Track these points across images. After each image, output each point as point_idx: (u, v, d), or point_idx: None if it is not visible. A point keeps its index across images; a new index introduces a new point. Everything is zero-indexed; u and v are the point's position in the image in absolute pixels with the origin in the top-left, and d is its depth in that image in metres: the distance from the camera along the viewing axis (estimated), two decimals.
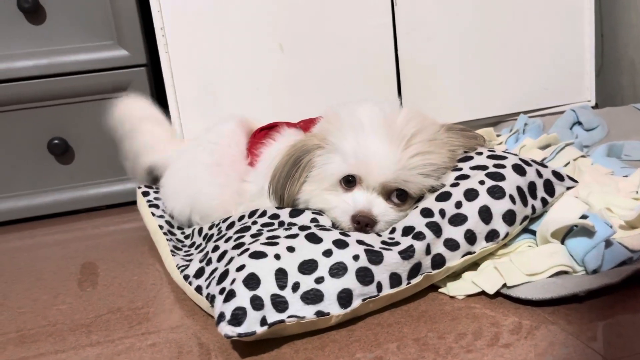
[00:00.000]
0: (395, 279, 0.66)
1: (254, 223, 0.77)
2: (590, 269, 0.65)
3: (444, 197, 0.72)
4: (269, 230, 0.73)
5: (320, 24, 1.25)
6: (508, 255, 0.71)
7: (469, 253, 0.69)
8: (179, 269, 0.78)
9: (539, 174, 0.76)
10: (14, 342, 0.70)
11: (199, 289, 0.70)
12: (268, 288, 0.62)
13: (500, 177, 0.73)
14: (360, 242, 0.67)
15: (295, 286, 0.62)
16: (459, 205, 0.71)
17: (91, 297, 0.81)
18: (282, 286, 0.62)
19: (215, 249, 0.74)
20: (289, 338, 0.62)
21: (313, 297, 0.62)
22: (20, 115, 1.21)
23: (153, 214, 0.98)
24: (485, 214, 0.70)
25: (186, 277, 0.74)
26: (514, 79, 1.38)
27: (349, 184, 0.76)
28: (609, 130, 1.20)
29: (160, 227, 0.93)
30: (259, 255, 0.65)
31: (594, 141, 1.17)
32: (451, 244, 0.69)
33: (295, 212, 0.77)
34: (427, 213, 0.71)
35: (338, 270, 0.64)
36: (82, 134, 1.25)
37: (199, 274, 0.73)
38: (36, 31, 1.19)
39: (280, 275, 0.63)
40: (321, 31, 1.25)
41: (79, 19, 1.20)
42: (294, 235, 0.69)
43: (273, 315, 0.60)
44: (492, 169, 0.74)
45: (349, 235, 0.69)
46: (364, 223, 0.73)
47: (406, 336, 0.60)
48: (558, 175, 0.78)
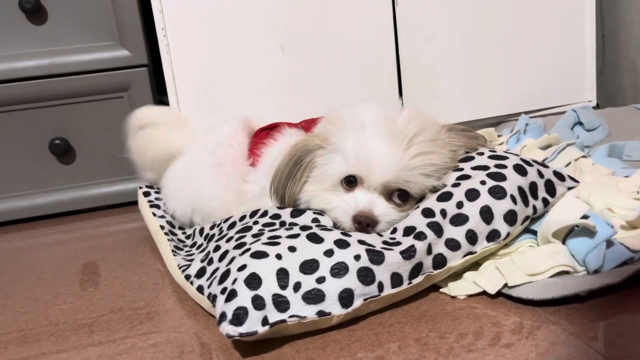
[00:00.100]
0: (396, 279, 0.66)
1: (255, 223, 0.77)
2: (592, 269, 0.65)
3: (445, 197, 0.72)
4: (270, 230, 0.73)
5: (321, 24, 1.25)
6: (509, 255, 0.71)
7: (470, 253, 0.69)
8: (180, 268, 0.78)
9: (540, 174, 0.76)
10: (15, 342, 0.70)
11: (200, 289, 0.70)
12: (269, 288, 0.62)
13: (502, 177, 0.73)
14: (361, 242, 0.67)
15: (297, 286, 0.63)
16: (460, 205, 0.71)
17: (93, 297, 0.81)
18: (284, 286, 0.62)
19: (217, 248, 0.74)
20: (291, 338, 0.62)
21: (314, 297, 0.62)
22: (22, 116, 1.22)
23: (154, 214, 0.98)
24: (486, 214, 0.70)
25: (187, 277, 0.74)
26: (515, 79, 1.38)
27: (350, 184, 0.76)
28: (610, 131, 1.20)
29: (162, 227, 0.93)
30: (260, 255, 0.65)
31: (595, 141, 1.17)
32: (452, 244, 0.69)
33: (297, 212, 0.77)
34: (429, 213, 0.71)
35: (339, 270, 0.64)
36: (84, 134, 1.25)
37: (200, 273, 0.73)
38: (38, 31, 1.19)
39: (282, 275, 0.63)
40: (322, 31, 1.26)
41: (80, 19, 1.20)
42: (295, 235, 0.69)
43: (274, 315, 0.60)
44: (494, 169, 0.74)
45: (350, 235, 0.69)
46: (365, 223, 0.73)
47: (407, 336, 0.60)
48: (559, 176, 0.78)
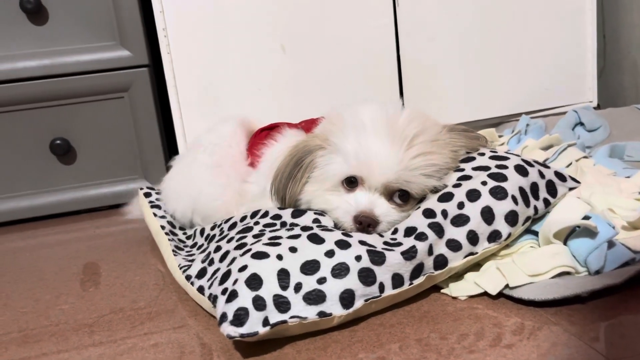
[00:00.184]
0: (397, 280, 0.66)
1: (256, 223, 0.77)
2: (593, 269, 0.65)
3: (446, 198, 0.72)
4: (271, 231, 0.73)
5: (322, 24, 1.25)
6: (510, 256, 0.71)
7: (472, 254, 0.69)
8: (181, 269, 0.78)
9: (542, 175, 0.76)
10: (16, 342, 0.70)
11: (201, 290, 0.70)
12: (270, 288, 0.62)
13: (503, 178, 0.73)
14: (362, 243, 0.67)
15: (298, 287, 0.62)
16: (461, 205, 0.71)
17: (93, 297, 0.81)
18: (285, 286, 0.62)
19: (218, 249, 0.74)
20: (292, 338, 0.62)
21: (315, 298, 0.62)
22: (23, 116, 1.22)
23: (155, 215, 0.98)
24: (487, 215, 0.70)
25: (188, 278, 0.74)
26: (515, 79, 1.38)
27: (351, 185, 0.75)
28: (611, 131, 1.20)
29: (162, 228, 0.93)
30: (261, 255, 0.65)
31: (596, 142, 1.17)
32: (453, 245, 0.69)
33: (298, 213, 0.77)
34: (430, 214, 0.71)
35: (340, 270, 0.64)
36: (84, 135, 1.25)
37: (201, 274, 0.73)
38: (39, 32, 1.19)
39: (283, 276, 0.63)
40: (323, 31, 1.26)
41: (81, 19, 1.20)
42: (296, 236, 0.69)
43: (275, 316, 0.60)
44: (495, 170, 0.74)
45: (351, 236, 0.69)
46: (366, 223, 0.73)
47: (408, 337, 0.60)
48: (560, 176, 0.78)
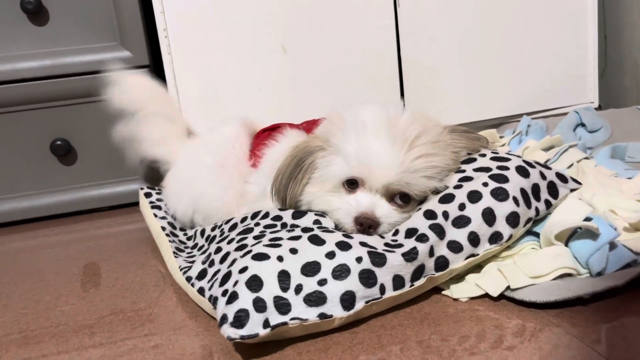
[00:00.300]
0: (398, 281, 0.65)
1: (257, 225, 0.77)
2: (595, 271, 0.65)
3: (447, 199, 0.72)
4: (271, 232, 0.73)
5: (323, 25, 1.25)
6: (512, 258, 0.71)
7: (473, 255, 0.69)
8: (181, 270, 0.78)
9: (543, 176, 0.76)
10: (16, 343, 0.70)
11: (201, 291, 0.70)
12: (271, 290, 0.62)
13: (504, 179, 0.73)
14: (363, 244, 0.67)
15: (298, 288, 0.62)
16: (462, 207, 0.71)
17: (94, 299, 0.81)
18: (285, 288, 0.62)
19: (218, 250, 0.74)
20: (292, 340, 0.62)
21: (316, 299, 0.62)
22: (23, 116, 1.22)
23: (155, 215, 0.98)
24: (488, 216, 0.70)
25: (189, 279, 0.74)
26: (516, 80, 1.38)
27: (352, 186, 0.75)
28: (612, 132, 1.20)
29: (163, 229, 0.93)
30: (261, 257, 0.65)
31: (598, 143, 1.17)
32: (454, 246, 0.69)
33: (298, 214, 0.77)
34: (431, 215, 0.70)
35: (341, 272, 0.64)
36: (85, 135, 1.25)
37: (202, 275, 0.73)
38: (39, 32, 1.19)
39: (283, 277, 0.63)
40: (323, 32, 1.25)
41: (82, 20, 1.20)
42: (297, 237, 0.69)
43: (276, 318, 0.60)
44: (496, 171, 0.74)
45: (352, 237, 0.69)
46: (367, 225, 0.73)
47: (409, 338, 0.60)
48: (562, 177, 0.78)
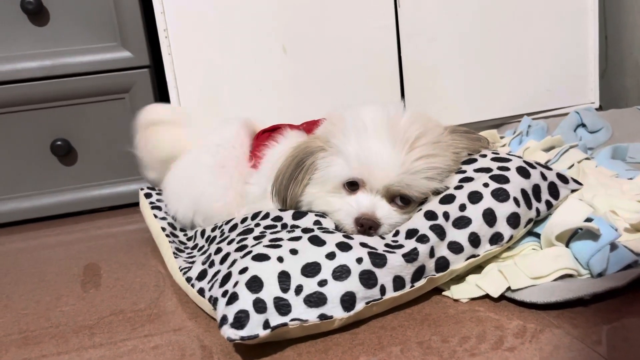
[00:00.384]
0: (398, 282, 0.65)
1: (257, 225, 0.77)
2: (596, 272, 0.65)
3: (448, 200, 0.72)
4: (272, 233, 0.73)
5: (323, 25, 1.25)
6: (512, 258, 0.71)
7: (473, 256, 0.69)
8: (181, 271, 0.78)
9: (544, 177, 0.76)
10: (16, 344, 0.70)
11: (201, 292, 0.70)
12: (271, 291, 0.61)
13: (505, 180, 0.72)
14: (363, 245, 0.67)
15: (298, 289, 0.62)
16: (463, 208, 0.70)
17: (94, 299, 0.81)
18: (285, 289, 0.62)
19: (218, 251, 0.74)
20: (292, 341, 0.62)
21: (316, 300, 0.62)
22: (24, 117, 1.22)
23: (156, 216, 0.98)
24: (489, 217, 0.70)
25: (189, 279, 0.74)
26: (517, 80, 1.38)
27: (353, 187, 0.75)
28: (613, 133, 1.20)
29: (163, 229, 0.93)
30: (261, 257, 0.65)
31: (598, 143, 1.17)
32: (455, 247, 0.68)
33: (298, 215, 0.77)
34: (431, 216, 0.70)
35: (341, 273, 0.64)
36: (85, 135, 1.25)
37: (202, 276, 0.72)
38: (40, 32, 1.19)
39: (283, 278, 0.63)
40: (324, 32, 1.25)
41: (82, 20, 1.20)
42: (297, 238, 0.69)
43: (276, 319, 0.60)
44: (496, 172, 0.74)
45: (352, 238, 0.68)
46: (367, 226, 0.73)
47: (410, 339, 0.60)
48: (562, 178, 0.78)
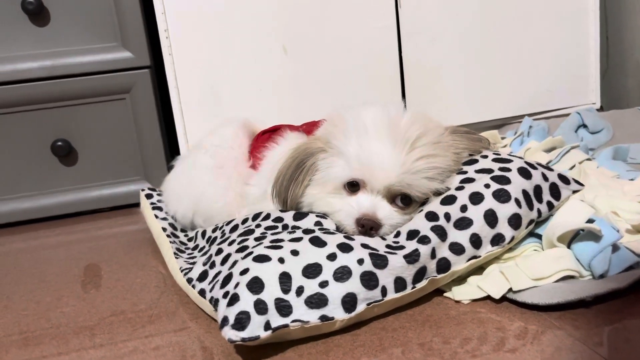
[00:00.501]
0: (400, 283, 0.65)
1: (258, 226, 0.77)
2: (597, 273, 0.65)
3: (449, 201, 0.72)
4: (272, 234, 0.73)
5: (324, 26, 1.25)
6: (514, 260, 0.70)
7: (475, 257, 0.69)
8: (182, 271, 0.77)
9: (545, 178, 0.76)
10: (17, 345, 0.69)
11: (202, 292, 0.70)
12: (272, 292, 0.61)
13: (506, 181, 0.72)
14: (364, 246, 0.67)
15: (299, 290, 0.62)
16: (464, 208, 0.70)
17: (95, 300, 0.80)
18: (286, 290, 0.62)
19: (219, 252, 0.74)
20: (293, 342, 0.62)
21: (317, 302, 0.62)
22: (24, 117, 1.21)
23: (156, 216, 0.98)
24: (490, 218, 0.69)
25: (189, 280, 0.74)
26: (517, 81, 1.38)
27: (353, 188, 0.75)
28: (614, 133, 1.20)
29: (164, 230, 0.93)
30: (262, 258, 0.65)
31: (600, 144, 1.17)
32: (456, 248, 0.68)
33: (299, 216, 0.77)
34: (432, 217, 0.70)
35: (342, 274, 0.63)
36: (86, 136, 1.25)
37: (203, 277, 0.72)
38: (40, 33, 1.19)
39: (284, 279, 0.63)
40: (324, 32, 1.25)
41: (83, 20, 1.20)
42: (298, 239, 0.68)
43: (277, 320, 0.60)
44: (498, 172, 0.74)
45: (353, 239, 0.68)
46: (368, 226, 0.72)
47: (411, 341, 0.60)
48: (564, 179, 0.78)
